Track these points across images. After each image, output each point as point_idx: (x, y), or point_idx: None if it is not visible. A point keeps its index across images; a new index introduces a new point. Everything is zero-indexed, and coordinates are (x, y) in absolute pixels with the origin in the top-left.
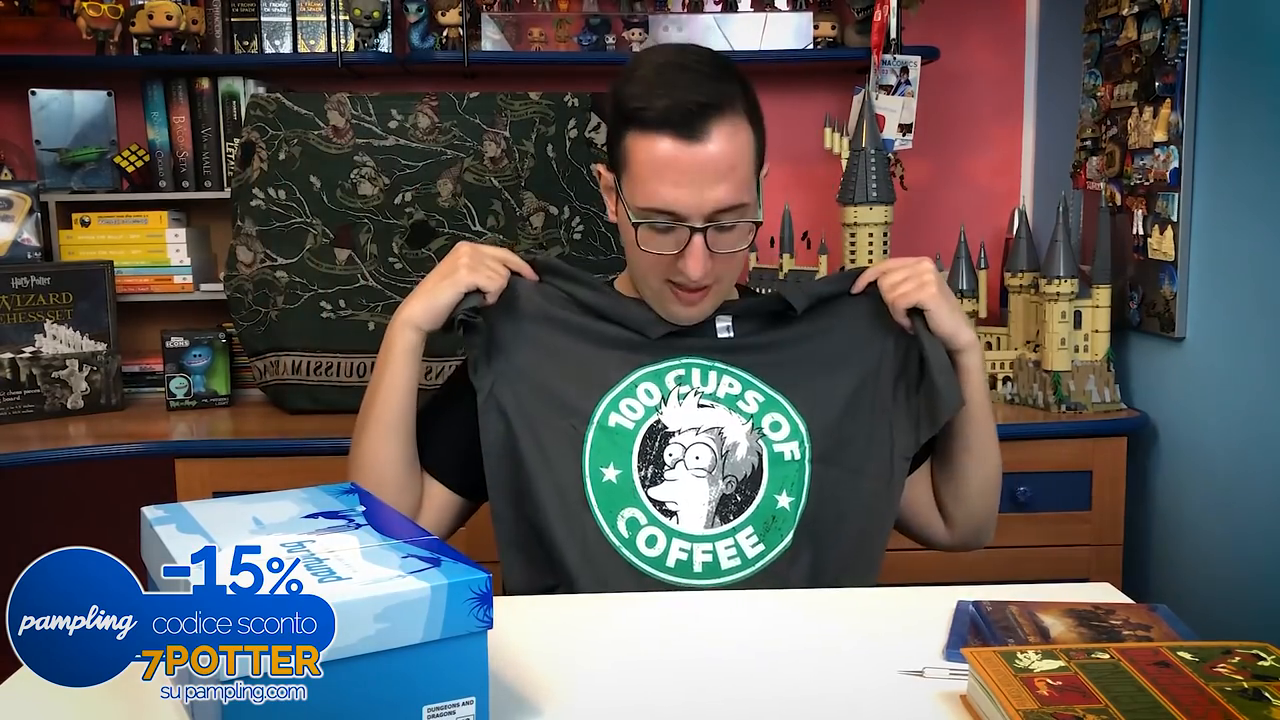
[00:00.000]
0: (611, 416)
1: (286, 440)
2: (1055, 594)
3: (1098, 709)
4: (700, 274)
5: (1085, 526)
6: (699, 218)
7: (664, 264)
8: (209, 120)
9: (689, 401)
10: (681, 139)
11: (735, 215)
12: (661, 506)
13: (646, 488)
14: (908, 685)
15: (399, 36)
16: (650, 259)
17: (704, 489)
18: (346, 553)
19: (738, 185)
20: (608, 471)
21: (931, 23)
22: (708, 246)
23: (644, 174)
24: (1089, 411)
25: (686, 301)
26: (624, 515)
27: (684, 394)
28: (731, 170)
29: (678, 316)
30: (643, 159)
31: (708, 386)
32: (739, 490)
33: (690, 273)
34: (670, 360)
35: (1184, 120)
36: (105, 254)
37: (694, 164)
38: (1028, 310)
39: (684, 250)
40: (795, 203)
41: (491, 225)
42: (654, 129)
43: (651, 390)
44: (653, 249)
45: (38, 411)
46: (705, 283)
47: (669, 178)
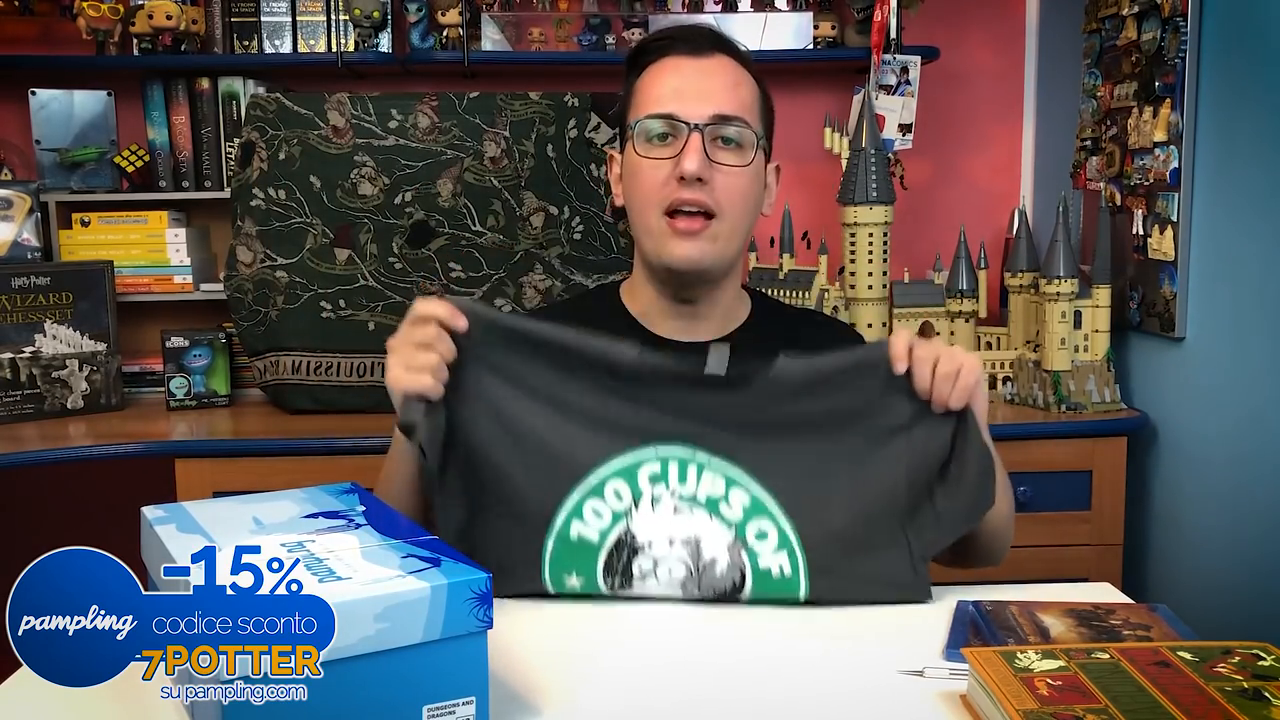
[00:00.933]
0: (574, 526)
1: (286, 440)
2: (1055, 594)
3: (1098, 709)
4: (695, 167)
5: (1085, 526)
6: (699, 116)
7: (662, 179)
8: (209, 120)
9: (663, 506)
10: (687, 54)
11: (737, 127)
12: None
13: (613, 592)
14: (908, 685)
15: (399, 36)
16: (649, 176)
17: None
18: (346, 553)
19: (741, 101)
20: (570, 579)
21: (931, 23)
22: (706, 153)
23: (648, 89)
24: (1089, 411)
25: (686, 231)
26: None
27: (658, 497)
28: (735, 86)
29: (676, 256)
30: (649, 79)
31: (686, 486)
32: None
33: (686, 164)
34: (645, 447)
35: (1184, 120)
36: (105, 254)
37: (697, 70)
38: (1028, 310)
39: (682, 150)
40: (795, 203)
41: (491, 225)
42: (663, 53)
43: (621, 491)
44: (650, 155)
45: (38, 411)
46: (703, 200)
47: (671, 83)
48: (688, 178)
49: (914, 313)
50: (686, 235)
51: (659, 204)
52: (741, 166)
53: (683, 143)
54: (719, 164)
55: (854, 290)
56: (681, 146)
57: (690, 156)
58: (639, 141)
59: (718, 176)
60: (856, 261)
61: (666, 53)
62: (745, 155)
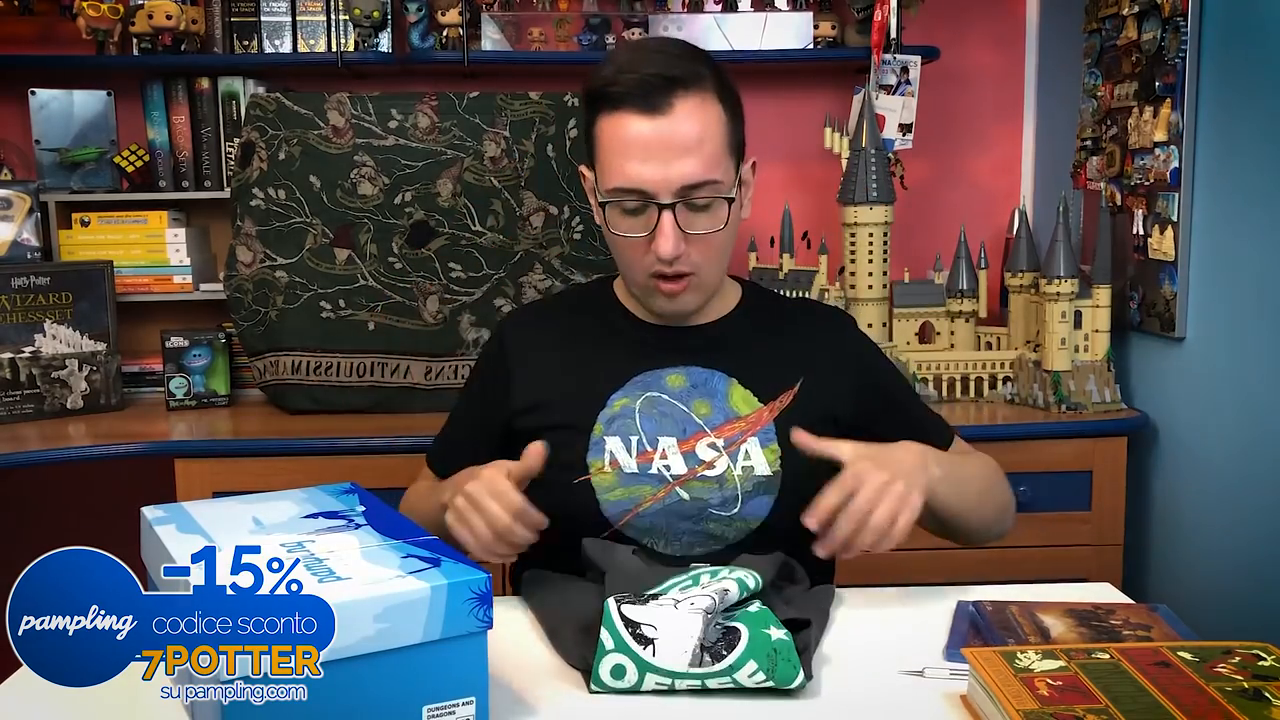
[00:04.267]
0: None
1: (286, 440)
2: (1055, 594)
3: (1098, 709)
4: (670, 251)
5: (1085, 526)
6: (667, 194)
7: (641, 251)
8: (209, 120)
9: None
10: (645, 113)
11: (707, 193)
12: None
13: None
14: (908, 685)
15: (399, 36)
16: (627, 246)
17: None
18: (346, 553)
19: (706, 160)
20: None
21: (931, 23)
22: (679, 226)
23: (610, 153)
24: (1089, 411)
25: (668, 293)
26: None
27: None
28: (699, 144)
29: (663, 310)
30: (608, 138)
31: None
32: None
33: (661, 250)
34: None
35: (1184, 120)
36: (105, 254)
37: (658, 138)
38: (1028, 310)
39: (654, 230)
40: (795, 203)
41: (491, 225)
42: (618, 106)
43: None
44: (623, 231)
45: (37, 411)
46: (682, 269)
47: (634, 153)
48: (665, 260)
49: (914, 313)
50: (671, 294)
51: (642, 269)
52: (716, 231)
53: (654, 218)
54: (694, 233)
55: (854, 290)
56: (654, 222)
57: (664, 242)
58: (611, 213)
59: (693, 244)
60: (856, 261)
61: (622, 106)
62: (718, 218)
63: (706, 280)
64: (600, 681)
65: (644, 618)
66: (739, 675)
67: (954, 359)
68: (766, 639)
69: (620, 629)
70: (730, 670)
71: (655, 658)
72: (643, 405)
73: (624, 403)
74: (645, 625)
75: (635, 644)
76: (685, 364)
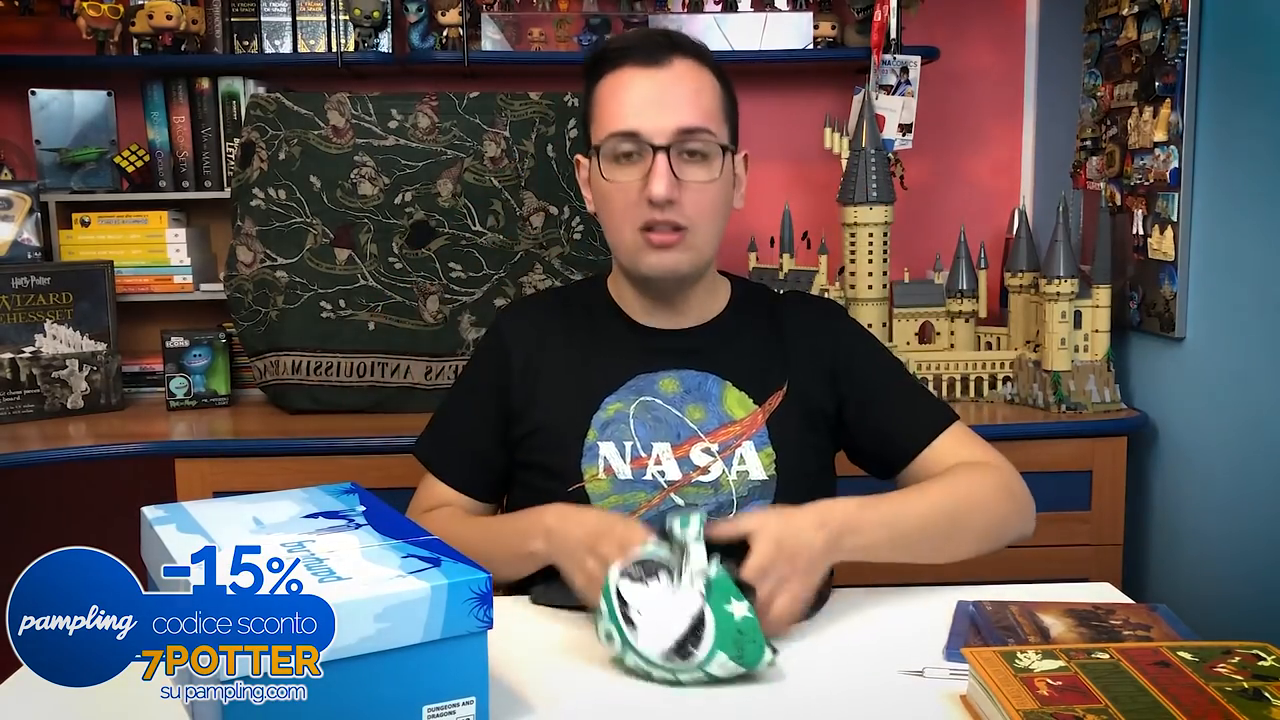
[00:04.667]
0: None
1: (286, 440)
2: (1055, 594)
3: (1098, 709)
4: (664, 191)
5: (1085, 526)
6: (662, 136)
7: (633, 200)
8: (209, 120)
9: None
10: (644, 65)
11: (702, 140)
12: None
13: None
14: (908, 685)
15: (399, 36)
16: (619, 195)
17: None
18: (347, 552)
19: (703, 111)
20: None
21: (931, 23)
22: (674, 172)
23: (608, 104)
24: (1089, 411)
25: (659, 243)
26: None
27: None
28: (696, 94)
29: (653, 267)
30: (607, 94)
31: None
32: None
33: (654, 190)
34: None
35: (1184, 120)
36: (105, 254)
37: (655, 84)
38: (1028, 310)
39: (649, 171)
40: (795, 203)
41: (491, 225)
42: (620, 63)
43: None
44: (618, 178)
45: (38, 411)
46: (675, 219)
47: (632, 100)
48: (657, 201)
49: (914, 313)
50: (662, 248)
51: (632, 222)
52: (710, 181)
53: (649, 163)
54: (688, 181)
55: (854, 290)
56: (648, 167)
57: (657, 181)
58: (605, 161)
59: (687, 193)
60: (856, 261)
61: (623, 62)
62: (713, 168)
63: (698, 241)
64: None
65: (635, 598)
66: (711, 668)
67: (954, 359)
68: (730, 619)
69: (615, 602)
70: (702, 665)
71: (638, 642)
72: (637, 410)
73: (618, 407)
74: (634, 608)
75: (623, 622)
76: (678, 367)
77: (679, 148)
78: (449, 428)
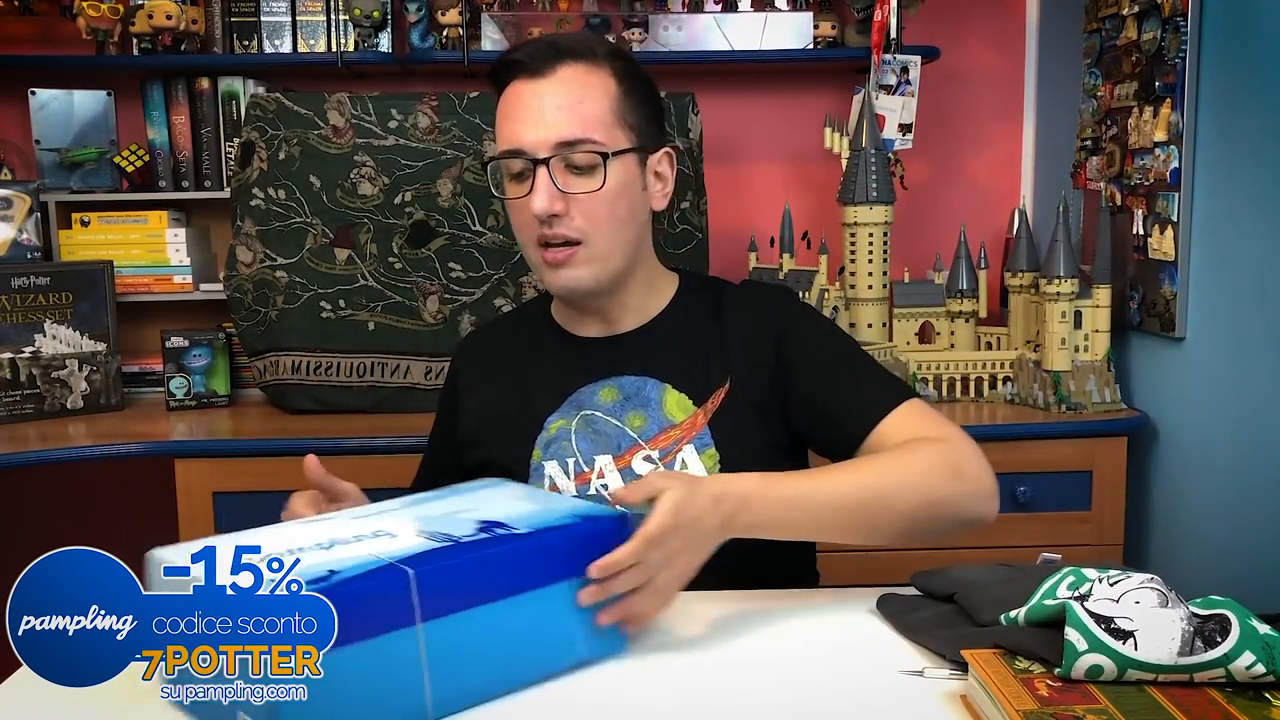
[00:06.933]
0: None
1: (286, 440)
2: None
3: (1097, 709)
4: (544, 206)
5: (1085, 526)
6: (543, 149)
7: (528, 217)
8: (209, 120)
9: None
10: (528, 77)
11: (584, 151)
12: (1110, 625)
13: None
14: (908, 685)
15: (399, 36)
16: (516, 214)
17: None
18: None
19: (585, 120)
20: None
21: (931, 23)
22: (555, 185)
23: (500, 122)
24: (1089, 411)
25: (551, 261)
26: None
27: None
28: (576, 104)
29: (556, 285)
30: (500, 110)
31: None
32: None
33: (534, 205)
34: None
35: (1184, 120)
36: (105, 254)
37: (536, 98)
38: (1028, 310)
39: (530, 189)
40: (795, 203)
41: (491, 225)
42: (510, 78)
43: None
44: (513, 196)
45: (38, 411)
46: (566, 233)
47: (515, 114)
48: (539, 216)
49: (914, 313)
50: (558, 265)
51: (532, 240)
52: (594, 191)
53: (532, 180)
54: (574, 193)
55: (854, 290)
56: (532, 184)
57: (536, 196)
58: (505, 180)
59: (576, 205)
60: (856, 261)
61: (512, 77)
62: (595, 179)
63: (598, 252)
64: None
65: (1113, 612)
66: (1234, 666)
67: (954, 359)
68: (1254, 630)
69: (1093, 627)
70: (1225, 660)
71: (1138, 651)
72: (578, 425)
73: (560, 424)
74: (1120, 619)
75: (1113, 640)
76: (617, 374)
77: (560, 160)
78: (426, 462)
